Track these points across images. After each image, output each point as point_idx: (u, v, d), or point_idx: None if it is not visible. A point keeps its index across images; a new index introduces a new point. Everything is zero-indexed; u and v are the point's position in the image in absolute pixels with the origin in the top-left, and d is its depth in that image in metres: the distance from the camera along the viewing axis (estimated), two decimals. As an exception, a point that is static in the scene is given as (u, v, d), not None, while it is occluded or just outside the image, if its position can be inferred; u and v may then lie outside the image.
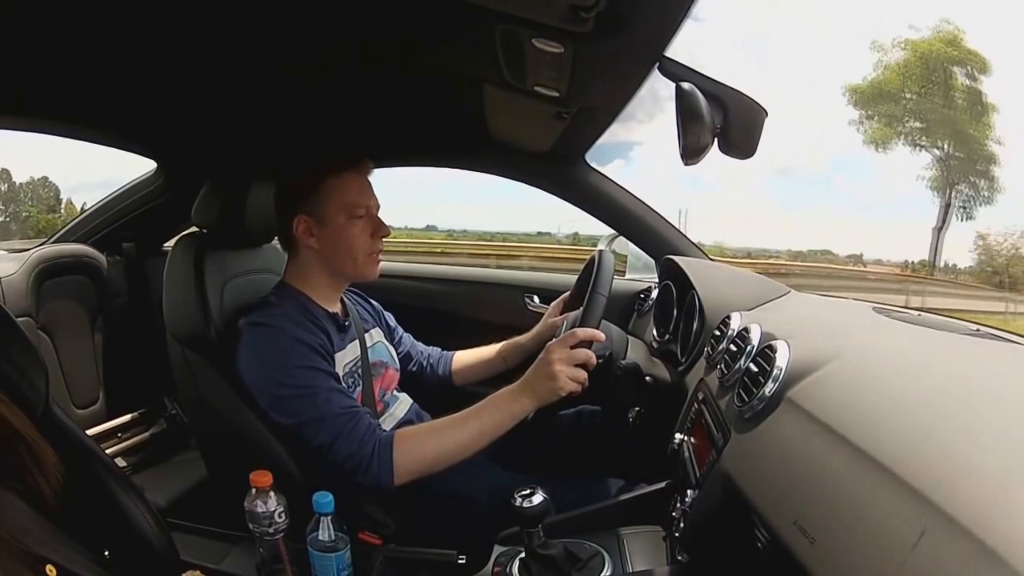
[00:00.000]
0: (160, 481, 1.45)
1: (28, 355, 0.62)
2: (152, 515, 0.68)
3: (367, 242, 1.01)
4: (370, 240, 1.01)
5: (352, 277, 1.06)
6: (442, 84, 1.05)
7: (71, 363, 1.53)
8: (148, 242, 1.74)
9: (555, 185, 1.48)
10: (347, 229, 0.99)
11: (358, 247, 1.01)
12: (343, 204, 0.99)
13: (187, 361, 0.99)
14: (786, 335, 0.69)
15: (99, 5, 0.69)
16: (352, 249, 1.01)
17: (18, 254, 1.54)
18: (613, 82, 0.84)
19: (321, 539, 0.81)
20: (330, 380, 0.93)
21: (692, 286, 1.09)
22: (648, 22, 0.62)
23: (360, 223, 1.00)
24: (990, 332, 0.80)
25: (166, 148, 1.46)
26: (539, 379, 0.91)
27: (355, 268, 1.03)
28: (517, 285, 1.68)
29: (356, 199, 1.00)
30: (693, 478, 0.77)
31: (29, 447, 0.56)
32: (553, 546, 0.72)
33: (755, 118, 0.69)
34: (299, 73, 0.98)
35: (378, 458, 0.88)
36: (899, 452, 0.42)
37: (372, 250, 1.02)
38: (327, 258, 1.02)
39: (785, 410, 0.59)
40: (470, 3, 0.61)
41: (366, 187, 1.02)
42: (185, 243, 1.05)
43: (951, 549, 0.33)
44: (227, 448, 0.98)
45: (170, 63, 0.89)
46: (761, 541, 0.54)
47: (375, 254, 1.03)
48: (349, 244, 1.00)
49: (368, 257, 1.02)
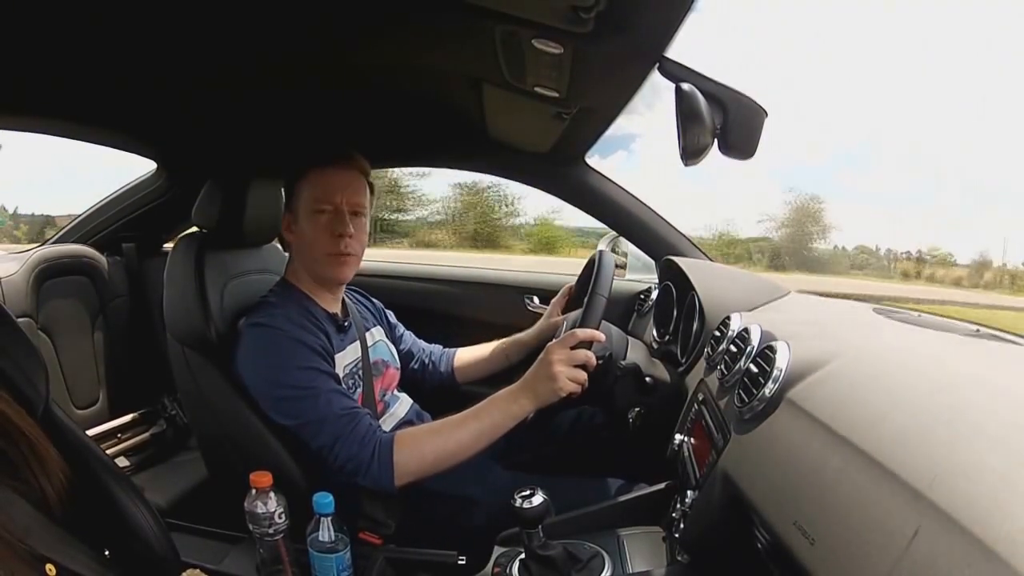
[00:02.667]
0: (160, 481, 1.45)
1: (28, 355, 0.62)
2: (152, 515, 0.68)
3: (327, 241, 0.98)
4: (331, 239, 0.98)
5: (319, 277, 1.03)
6: (442, 84, 1.05)
7: (71, 363, 1.53)
8: (148, 242, 1.74)
9: (555, 185, 1.48)
10: (308, 225, 0.98)
11: (318, 246, 0.98)
12: (309, 199, 0.98)
13: (187, 361, 0.99)
14: (786, 336, 0.69)
15: (99, 5, 0.69)
16: (312, 248, 0.99)
17: (18, 254, 1.54)
18: (613, 82, 0.84)
19: (321, 540, 0.81)
20: (330, 381, 0.93)
21: (692, 287, 1.09)
22: (648, 22, 0.62)
23: (321, 221, 0.98)
24: (990, 332, 0.80)
25: (166, 148, 1.46)
26: (539, 380, 0.91)
27: (316, 267, 1.01)
28: (517, 285, 1.68)
29: (322, 195, 0.98)
30: (693, 478, 0.77)
31: (31, 446, 0.56)
32: (553, 547, 0.72)
33: (755, 119, 0.69)
34: (299, 73, 0.98)
35: (379, 459, 0.88)
36: (899, 452, 0.42)
37: (333, 250, 0.98)
38: (301, 255, 1.02)
39: (785, 411, 0.59)
40: (470, 3, 0.61)
41: (341, 183, 0.99)
42: (185, 243, 1.05)
43: (948, 547, 0.33)
44: (227, 448, 0.98)
45: (170, 63, 0.89)
46: (761, 541, 0.54)
47: (337, 255, 0.98)
48: (309, 242, 0.99)
49: (329, 257, 0.99)
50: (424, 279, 1.76)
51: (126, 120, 1.25)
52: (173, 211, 1.61)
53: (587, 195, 1.45)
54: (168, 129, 1.31)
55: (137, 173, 1.63)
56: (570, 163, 1.41)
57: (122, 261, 1.71)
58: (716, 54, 63.66)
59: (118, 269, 1.69)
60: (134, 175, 1.64)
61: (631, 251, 1.58)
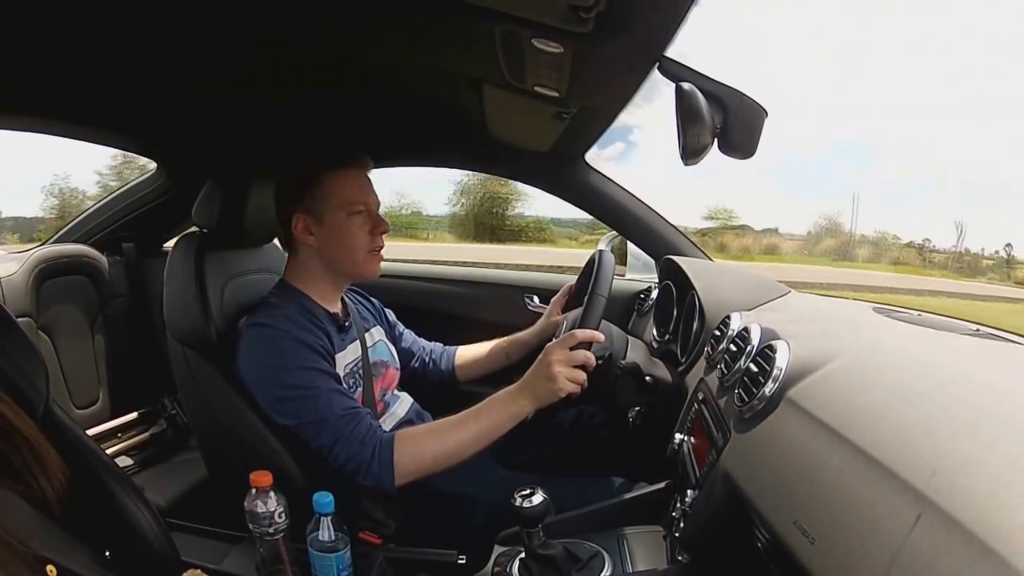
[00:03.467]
0: (160, 481, 1.45)
1: (28, 355, 0.62)
2: (152, 515, 0.68)
3: (366, 239, 1.01)
4: (369, 237, 1.01)
5: (352, 275, 1.06)
6: (442, 84, 1.05)
7: (71, 363, 1.53)
8: (148, 242, 1.74)
9: (555, 185, 1.48)
10: (346, 226, 0.99)
11: (358, 244, 1.00)
12: (342, 201, 0.98)
13: (187, 361, 0.99)
14: (786, 335, 0.69)
15: (99, 5, 0.69)
16: (352, 247, 1.00)
17: (18, 254, 1.54)
18: (613, 82, 0.84)
19: (321, 539, 0.81)
20: (331, 381, 0.93)
21: (692, 286, 1.09)
22: (648, 22, 0.61)
23: (359, 219, 1.00)
24: (990, 332, 0.80)
25: (167, 148, 1.46)
26: (538, 380, 0.91)
27: (355, 266, 1.02)
28: (517, 285, 1.68)
29: (355, 196, 0.99)
30: (693, 478, 0.77)
31: (31, 447, 0.56)
32: (553, 546, 0.72)
33: (755, 118, 0.69)
34: (300, 73, 0.98)
35: (379, 460, 0.88)
36: (899, 451, 0.42)
37: (372, 247, 1.01)
38: (326, 256, 1.02)
39: (785, 410, 0.59)
40: (470, 3, 0.61)
41: (365, 184, 1.02)
42: (185, 243, 1.05)
43: (948, 546, 0.33)
44: (227, 448, 0.98)
45: (171, 63, 0.89)
46: (761, 541, 0.55)
47: (375, 251, 1.02)
48: (349, 241, 1.00)
49: (368, 254, 1.02)
50: (424, 279, 1.76)
51: (126, 120, 1.25)
52: (173, 211, 1.61)
53: (587, 194, 1.45)
54: (168, 129, 1.31)
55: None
56: (570, 162, 1.41)
57: (122, 261, 1.71)
58: (716, 54, 63.64)
59: (118, 269, 1.69)
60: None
61: (631, 250, 1.58)
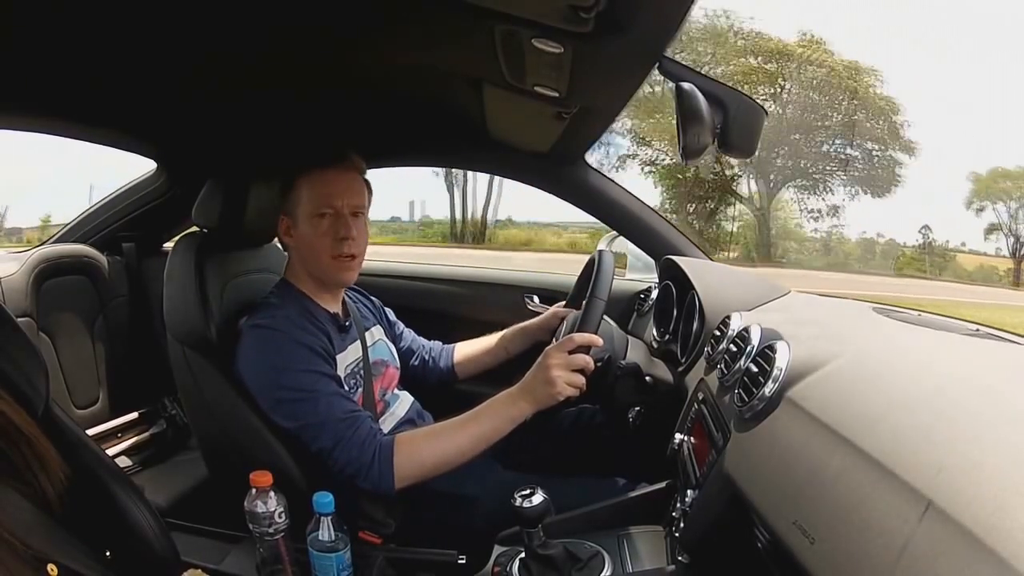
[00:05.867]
0: (160, 481, 1.44)
1: (28, 355, 0.62)
2: (152, 515, 0.68)
3: (329, 244, 0.97)
4: (333, 242, 0.97)
5: (325, 281, 1.02)
6: (442, 84, 1.05)
7: (71, 363, 1.53)
8: (148, 242, 1.74)
9: (555, 185, 1.48)
10: (309, 229, 0.97)
11: (320, 249, 0.97)
12: (309, 202, 0.97)
13: (187, 361, 0.99)
14: (786, 335, 0.69)
15: (99, 5, 0.69)
16: (314, 251, 0.98)
17: (18, 254, 1.54)
18: (613, 82, 0.84)
19: (321, 539, 0.81)
20: (331, 384, 0.93)
21: (692, 286, 1.09)
22: (648, 22, 0.61)
23: (323, 224, 0.96)
24: (990, 332, 0.80)
25: (166, 148, 1.46)
26: (537, 384, 0.91)
27: (322, 272, 1.00)
28: (517, 285, 1.68)
29: (321, 198, 0.97)
30: (693, 478, 0.77)
31: (31, 446, 0.56)
32: (553, 546, 0.72)
33: (755, 118, 0.69)
34: (299, 73, 0.98)
35: (379, 463, 0.88)
36: (899, 452, 0.42)
37: (336, 252, 0.97)
38: (302, 259, 1.01)
39: (785, 410, 0.59)
40: (470, 3, 0.61)
41: (337, 186, 0.98)
42: (185, 243, 1.05)
43: (948, 546, 0.33)
44: (227, 448, 0.98)
45: (170, 62, 0.89)
46: (761, 541, 0.55)
47: (341, 257, 0.98)
48: (311, 245, 0.98)
49: (333, 260, 0.98)
50: (424, 279, 1.76)
51: (126, 120, 1.25)
52: (173, 211, 1.61)
53: (587, 194, 1.45)
54: (168, 129, 1.31)
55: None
56: (570, 162, 1.41)
57: (122, 261, 1.71)
58: (716, 54, 63.24)
59: (118, 269, 1.69)
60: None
61: (631, 250, 1.58)
